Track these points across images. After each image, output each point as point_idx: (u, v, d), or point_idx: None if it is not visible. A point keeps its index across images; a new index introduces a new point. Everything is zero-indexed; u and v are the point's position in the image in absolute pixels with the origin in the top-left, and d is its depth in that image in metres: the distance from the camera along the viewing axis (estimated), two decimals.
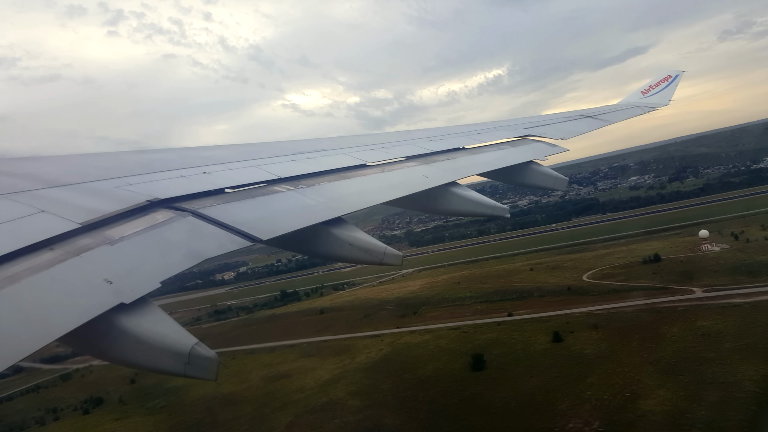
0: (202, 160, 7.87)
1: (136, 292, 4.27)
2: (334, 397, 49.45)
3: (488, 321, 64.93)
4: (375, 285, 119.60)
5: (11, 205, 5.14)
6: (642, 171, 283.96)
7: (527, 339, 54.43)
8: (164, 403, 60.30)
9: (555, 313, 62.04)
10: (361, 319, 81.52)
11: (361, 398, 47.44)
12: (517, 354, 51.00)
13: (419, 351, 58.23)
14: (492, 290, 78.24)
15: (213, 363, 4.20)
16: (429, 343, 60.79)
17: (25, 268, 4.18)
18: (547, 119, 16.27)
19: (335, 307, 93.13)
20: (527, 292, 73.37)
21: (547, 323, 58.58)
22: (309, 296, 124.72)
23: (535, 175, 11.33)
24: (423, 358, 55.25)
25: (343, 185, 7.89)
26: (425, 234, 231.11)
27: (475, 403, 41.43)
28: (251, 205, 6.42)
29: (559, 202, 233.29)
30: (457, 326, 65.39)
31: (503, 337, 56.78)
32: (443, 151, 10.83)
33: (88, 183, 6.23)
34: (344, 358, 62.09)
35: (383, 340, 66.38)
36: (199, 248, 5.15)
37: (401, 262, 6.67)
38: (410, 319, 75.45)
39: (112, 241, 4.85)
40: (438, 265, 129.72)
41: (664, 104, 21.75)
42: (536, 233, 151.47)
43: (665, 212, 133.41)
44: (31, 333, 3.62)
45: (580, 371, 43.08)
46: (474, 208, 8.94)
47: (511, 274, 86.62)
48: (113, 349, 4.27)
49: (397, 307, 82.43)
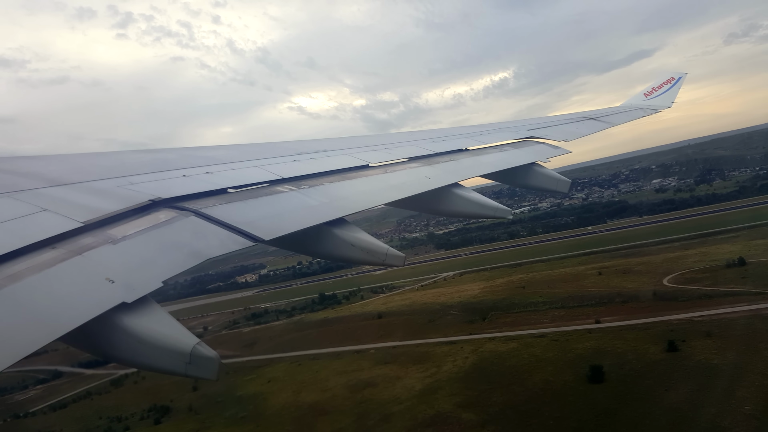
0: (204, 160, 7.88)
1: (138, 291, 4.30)
2: (441, 409, 46.67)
3: (575, 328, 62.06)
4: (416, 288, 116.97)
5: (13, 204, 5.15)
6: (664, 173, 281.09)
7: (635, 348, 51.53)
8: (244, 413, 57.55)
9: (649, 320, 59.13)
10: (425, 324, 78.78)
11: (475, 411, 44.65)
12: (632, 364, 48.13)
13: (513, 360, 55.40)
14: (565, 295, 75.39)
15: (214, 363, 4.22)
16: (519, 351, 57.94)
17: (27, 267, 4.20)
18: (550, 121, 16.33)
19: (392, 311, 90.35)
20: (607, 298, 70.48)
21: (648, 331, 55.71)
22: (349, 299, 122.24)
23: (538, 176, 11.30)
24: (523, 368, 52.43)
25: (346, 186, 7.94)
26: (448, 236, 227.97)
27: (616, 419, 38.61)
28: (254, 205, 6.44)
29: (586, 204, 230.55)
30: (542, 333, 62.54)
31: (605, 346, 53.91)
32: (446, 153, 10.88)
33: (90, 182, 6.21)
34: (428, 367, 59.31)
35: (463, 348, 63.58)
36: (202, 248, 5.15)
37: (403, 263, 6.66)
38: (481, 325, 72.65)
39: (114, 240, 4.89)
40: (480, 268, 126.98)
41: (667, 106, 21.64)
42: (574, 236, 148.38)
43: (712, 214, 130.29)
44: (33, 332, 3.61)
45: (721, 384, 40.21)
46: (476, 209, 8.98)
47: (579, 279, 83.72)
48: (115, 349, 4.28)
49: (462, 312, 79.66)
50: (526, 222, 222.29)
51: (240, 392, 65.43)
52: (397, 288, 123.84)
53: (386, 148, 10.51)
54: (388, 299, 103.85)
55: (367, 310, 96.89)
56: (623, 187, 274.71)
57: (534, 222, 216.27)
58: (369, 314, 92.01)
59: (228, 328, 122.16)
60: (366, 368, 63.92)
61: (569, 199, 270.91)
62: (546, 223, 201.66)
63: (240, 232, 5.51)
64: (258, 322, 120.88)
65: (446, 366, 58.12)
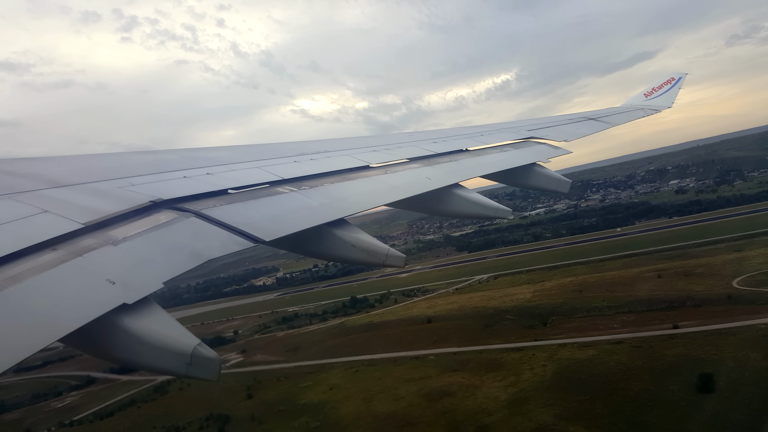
0: (205, 161, 7.90)
1: (139, 292, 4.32)
2: (541, 421, 44.31)
3: (653, 334, 59.69)
4: (452, 292, 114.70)
5: (14, 205, 5.16)
6: (681, 174, 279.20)
7: (733, 355, 49.19)
8: (316, 422, 55.11)
9: (732, 324, 56.79)
10: (482, 329, 76.43)
11: (583, 424, 42.29)
12: (737, 372, 45.79)
13: (600, 368, 53.05)
14: (630, 299, 73.05)
15: (215, 364, 4.23)
16: (601, 358, 55.58)
17: (28, 268, 4.23)
18: (550, 121, 16.25)
19: (441, 316, 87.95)
20: (677, 302, 68.16)
21: (737, 336, 53.40)
22: (381, 303, 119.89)
23: (539, 177, 11.31)
24: (615, 377, 50.10)
25: (346, 186, 7.97)
26: (467, 238, 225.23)
27: None
28: (254, 206, 6.44)
29: (607, 205, 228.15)
30: (618, 340, 60.19)
31: (696, 353, 51.59)
32: (446, 153, 10.89)
33: (91, 183, 6.22)
34: (504, 375, 56.95)
35: (535, 355, 61.21)
36: (202, 249, 5.14)
37: (404, 263, 6.69)
38: (543, 330, 70.33)
39: (115, 241, 4.90)
40: (514, 271, 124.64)
41: (668, 106, 21.47)
42: (606, 238, 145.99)
43: (750, 215, 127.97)
44: (34, 333, 3.62)
45: None
46: (477, 209, 9.03)
47: (637, 282, 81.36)
48: (115, 350, 4.28)
49: (520, 317, 77.35)
50: (546, 224, 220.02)
51: (302, 400, 63.02)
52: (430, 291, 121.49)
53: (386, 149, 10.52)
54: (431, 303, 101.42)
55: (413, 314, 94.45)
56: (640, 188, 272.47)
57: (555, 224, 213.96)
58: (417, 318, 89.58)
59: (260, 332, 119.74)
60: (434, 375, 61.53)
61: (585, 201, 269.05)
62: (568, 225, 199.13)
63: (241, 233, 5.52)
64: (291, 326, 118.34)
65: (525, 374, 55.74)
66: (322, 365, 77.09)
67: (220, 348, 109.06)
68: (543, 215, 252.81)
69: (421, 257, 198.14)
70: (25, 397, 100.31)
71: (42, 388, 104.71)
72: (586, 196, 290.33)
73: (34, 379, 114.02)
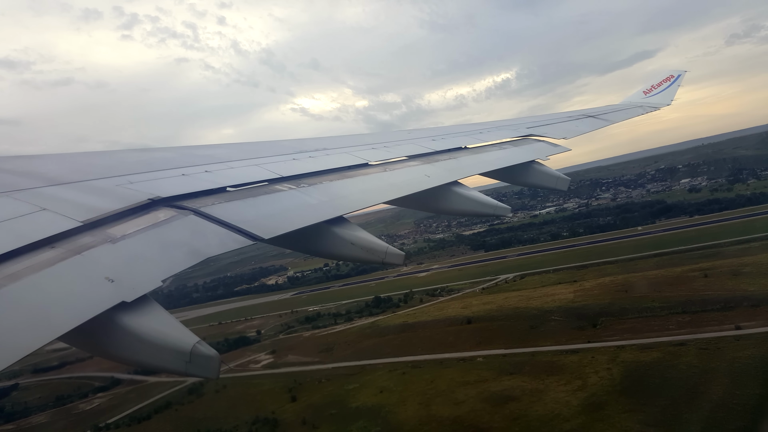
0: (203, 159, 7.82)
1: (138, 290, 4.27)
2: (626, 428, 42.59)
3: (716, 335, 58.08)
4: (479, 292, 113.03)
5: (13, 203, 5.10)
6: (691, 173, 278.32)
7: None
8: (376, 428, 53.30)
9: None
10: (528, 330, 74.72)
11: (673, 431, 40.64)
12: None
13: (671, 371, 51.41)
14: (681, 299, 71.40)
15: (214, 362, 4.14)
16: (669, 361, 53.94)
17: (26, 267, 4.16)
18: (549, 119, 16.03)
19: (480, 316, 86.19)
20: (732, 302, 66.52)
21: None
22: (406, 302, 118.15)
23: (537, 174, 11.24)
24: (691, 381, 48.46)
25: (345, 184, 7.92)
26: (480, 237, 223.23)
27: None
28: (253, 204, 6.40)
29: (621, 204, 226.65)
30: (680, 342, 58.54)
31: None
32: (445, 151, 10.88)
33: (89, 181, 6.13)
34: (568, 378, 55.23)
35: (594, 357, 59.49)
36: (201, 247, 5.09)
37: (403, 261, 6.72)
38: (593, 332, 68.61)
39: (113, 239, 4.85)
40: (541, 270, 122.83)
41: (666, 104, 21.33)
42: (630, 236, 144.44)
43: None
44: (33, 331, 3.56)
45: None
46: (476, 207, 8.98)
47: (683, 281, 79.74)
48: (115, 348, 4.21)
49: (566, 318, 75.68)
50: (560, 222, 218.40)
51: (353, 403, 61.17)
52: (455, 291, 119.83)
53: (386, 147, 10.45)
54: (465, 302, 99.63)
55: (449, 314, 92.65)
56: (651, 186, 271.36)
57: (569, 222, 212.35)
58: (455, 319, 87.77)
59: (284, 332, 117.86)
60: (490, 378, 59.79)
61: (596, 200, 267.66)
62: (584, 224, 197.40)
63: (239, 231, 5.50)
64: (315, 326, 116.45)
65: (591, 378, 54.03)
66: (362, 367, 75.25)
67: (246, 348, 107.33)
68: (554, 214, 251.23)
69: (435, 256, 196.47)
70: (48, 399, 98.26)
71: (65, 389, 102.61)
72: (596, 194, 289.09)
73: (54, 380, 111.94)
